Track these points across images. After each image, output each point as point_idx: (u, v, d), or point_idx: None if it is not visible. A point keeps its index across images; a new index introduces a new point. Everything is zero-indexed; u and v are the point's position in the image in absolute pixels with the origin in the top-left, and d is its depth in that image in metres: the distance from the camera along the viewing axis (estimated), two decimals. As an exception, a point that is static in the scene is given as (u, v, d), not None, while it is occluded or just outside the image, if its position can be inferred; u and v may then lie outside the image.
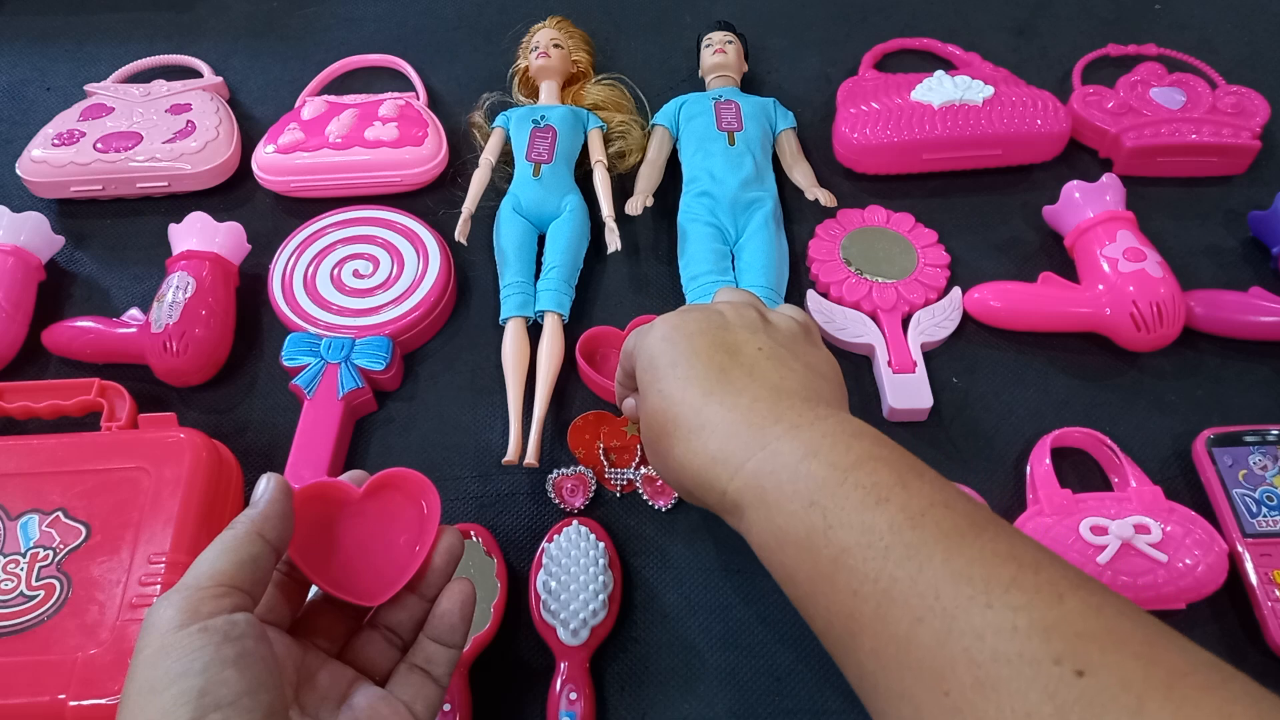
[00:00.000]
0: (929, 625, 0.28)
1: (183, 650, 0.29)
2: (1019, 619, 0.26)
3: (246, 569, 0.32)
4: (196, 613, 0.30)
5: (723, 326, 0.39)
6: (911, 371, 0.54)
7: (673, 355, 0.38)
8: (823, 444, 0.33)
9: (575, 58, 0.68)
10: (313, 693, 0.34)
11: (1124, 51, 0.71)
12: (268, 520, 0.34)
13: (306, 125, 0.65)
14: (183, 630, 0.30)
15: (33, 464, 0.47)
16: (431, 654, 0.37)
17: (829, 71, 0.72)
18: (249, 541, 0.33)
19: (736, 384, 0.37)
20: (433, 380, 0.56)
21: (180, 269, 0.56)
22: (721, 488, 0.35)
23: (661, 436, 0.38)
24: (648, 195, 0.61)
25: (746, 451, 0.34)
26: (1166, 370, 0.55)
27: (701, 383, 0.37)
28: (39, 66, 0.76)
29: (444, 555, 0.38)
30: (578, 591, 0.44)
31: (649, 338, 0.40)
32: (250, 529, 0.33)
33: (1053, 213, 0.60)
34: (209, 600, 0.31)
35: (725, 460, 0.35)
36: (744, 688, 0.45)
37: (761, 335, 0.39)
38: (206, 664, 0.29)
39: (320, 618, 0.37)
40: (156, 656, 0.29)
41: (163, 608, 0.31)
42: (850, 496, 0.31)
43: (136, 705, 0.29)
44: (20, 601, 0.43)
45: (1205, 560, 0.45)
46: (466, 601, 0.37)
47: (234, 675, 0.29)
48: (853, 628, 0.30)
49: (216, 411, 0.55)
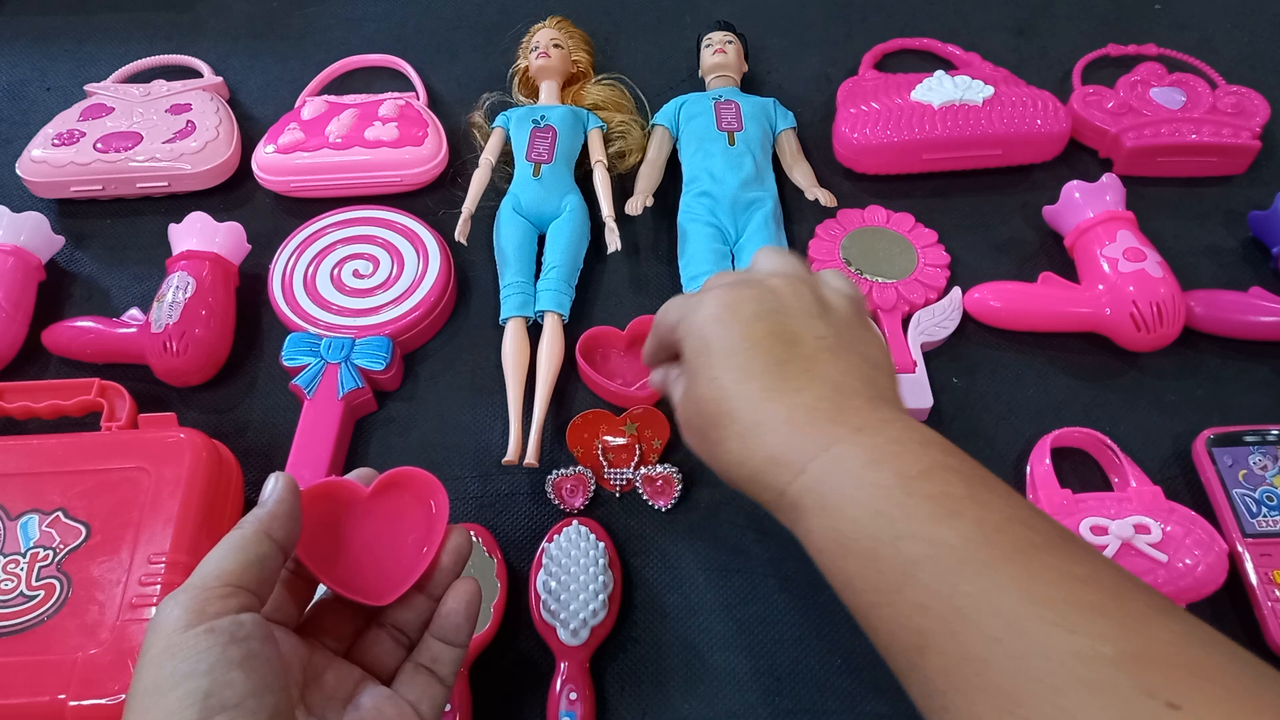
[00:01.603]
0: (1006, 647, 0.26)
1: (189, 651, 0.29)
2: (1104, 647, 0.25)
3: (254, 569, 0.32)
4: (203, 613, 0.30)
5: (780, 311, 0.37)
6: (911, 371, 0.54)
7: (728, 341, 0.36)
8: (889, 450, 0.32)
9: (575, 58, 0.68)
10: (319, 692, 0.34)
11: (1124, 51, 0.71)
12: (275, 520, 0.34)
13: (306, 125, 0.65)
14: (189, 631, 0.30)
15: (33, 464, 0.47)
16: (437, 653, 0.36)
17: (829, 71, 0.72)
18: (257, 541, 0.33)
19: (797, 379, 0.35)
20: (433, 380, 0.56)
21: (180, 269, 0.56)
22: (780, 488, 0.34)
23: (712, 427, 0.36)
24: (648, 195, 0.61)
25: (808, 454, 0.33)
26: (1166, 370, 0.55)
27: (760, 376, 0.35)
28: (39, 66, 0.76)
29: (452, 555, 0.38)
30: (578, 591, 0.44)
31: (699, 315, 0.38)
32: (258, 528, 0.33)
33: (1053, 213, 0.60)
34: (215, 600, 0.31)
35: (785, 461, 0.33)
36: (744, 688, 0.45)
37: (820, 322, 0.37)
38: (212, 665, 0.29)
39: (328, 616, 0.37)
40: (162, 657, 0.29)
41: (169, 608, 0.31)
42: (920, 507, 0.30)
43: (142, 706, 0.29)
44: (20, 601, 0.43)
45: (1205, 560, 0.45)
46: (472, 600, 0.37)
47: (240, 677, 0.29)
48: (920, 643, 0.29)
49: (216, 411, 0.55)
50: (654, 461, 0.51)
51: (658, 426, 0.51)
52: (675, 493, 0.50)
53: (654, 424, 0.52)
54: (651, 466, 0.50)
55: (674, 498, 0.50)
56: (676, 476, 0.50)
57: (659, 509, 0.50)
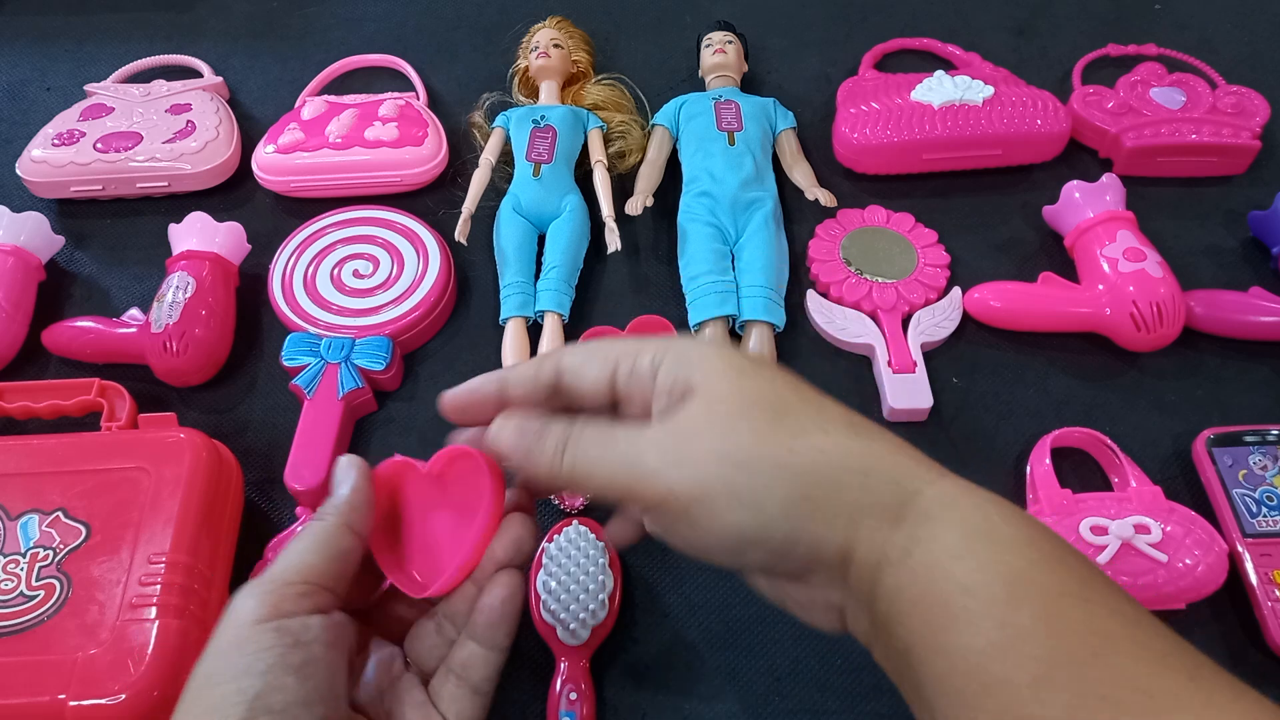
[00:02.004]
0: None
1: (253, 647, 0.29)
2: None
3: (335, 564, 0.32)
4: (277, 609, 0.30)
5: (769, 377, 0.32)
6: (911, 371, 0.54)
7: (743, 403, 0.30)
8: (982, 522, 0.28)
9: (575, 58, 0.68)
10: (361, 687, 0.33)
11: (1124, 51, 0.71)
12: (355, 510, 0.33)
13: (306, 125, 0.65)
14: (259, 625, 0.30)
15: (33, 464, 0.47)
16: (468, 658, 0.34)
17: (829, 71, 0.72)
18: (340, 535, 0.32)
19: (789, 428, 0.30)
20: (433, 380, 0.56)
21: (180, 269, 0.56)
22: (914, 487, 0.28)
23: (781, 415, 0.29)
24: (648, 195, 0.61)
25: (939, 471, 0.29)
26: (1166, 370, 0.55)
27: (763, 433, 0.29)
28: (39, 66, 0.76)
29: (510, 547, 0.34)
30: (578, 592, 0.44)
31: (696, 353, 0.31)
32: (339, 521, 0.32)
33: (1053, 213, 0.60)
34: (291, 598, 0.30)
35: (920, 462, 0.29)
36: (744, 688, 0.45)
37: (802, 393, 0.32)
38: (270, 666, 0.29)
39: (389, 602, 0.36)
40: (228, 648, 0.29)
41: (245, 598, 0.30)
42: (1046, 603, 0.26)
43: (197, 691, 0.29)
44: (20, 601, 0.43)
45: (1205, 560, 0.45)
46: (510, 598, 0.33)
47: (294, 682, 0.29)
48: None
49: (216, 411, 0.55)
50: (654, 461, 0.51)
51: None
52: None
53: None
54: (651, 466, 0.50)
55: (674, 498, 0.50)
56: (676, 476, 0.50)
57: (659, 509, 0.50)
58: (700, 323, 0.55)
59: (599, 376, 0.32)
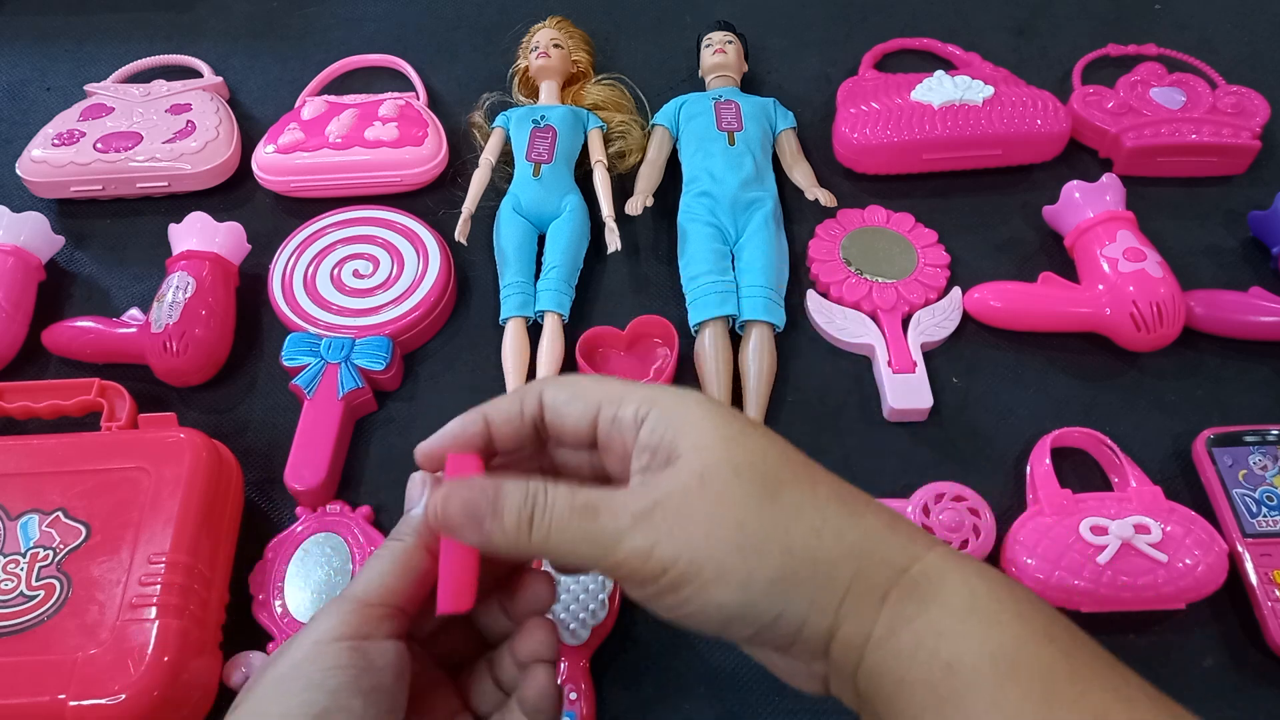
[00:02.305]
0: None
1: (327, 663, 0.29)
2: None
3: (414, 587, 0.31)
4: (359, 630, 0.30)
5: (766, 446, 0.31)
6: (911, 371, 0.54)
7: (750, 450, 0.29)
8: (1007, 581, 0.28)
9: (575, 58, 0.68)
10: (424, 709, 0.33)
11: (1124, 51, 0.71)
12: (431, 531, 0.32)
13: (306, 125, 0.65)
14: (337, 643, 0.29)
15: (33, 464, 0.47)
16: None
17: (829, 71, 0.72)
18: (418, 556, 0.31)
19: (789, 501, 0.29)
20: (433, 380, 0.56)
21: (180, 269, 0.56)
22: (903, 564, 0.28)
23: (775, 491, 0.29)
24: (648, 195, 0.61)
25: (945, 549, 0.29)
26: (1166, 370, 0.55)
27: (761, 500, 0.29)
28: (39, 66, 0.76)
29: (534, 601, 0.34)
30: (578, 591, 0.44)
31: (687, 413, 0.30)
32: (419, 542, 0.31)
33: (1053, 213, 0.60)
34: (373, 620, 0.30)
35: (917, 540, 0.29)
36: (744, 688, 0.45)
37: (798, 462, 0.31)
38: (340, 686, 0.29)
39: (448, 635, 0.35)
40: (302, 660, 0.29)
41: (327, 617, 0.30)
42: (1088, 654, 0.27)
43: (264, 695, 0.29)
44: (20, 601, 0.43)
45: (1205, 560, 0.45)
46: (543, 691, 0.32)
47: (359, 706, 0.29)
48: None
49: (216, 411, 0.55)
50: (654, 461, 0.51)
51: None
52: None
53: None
54: (651, 466, 0.50)
55: (674, 498, 0.50)
56: (676, 476, 0.50)
57: (659, 509, 0.50)
58: (700, 322, 0.55)
59: (581, 418, 0.32)
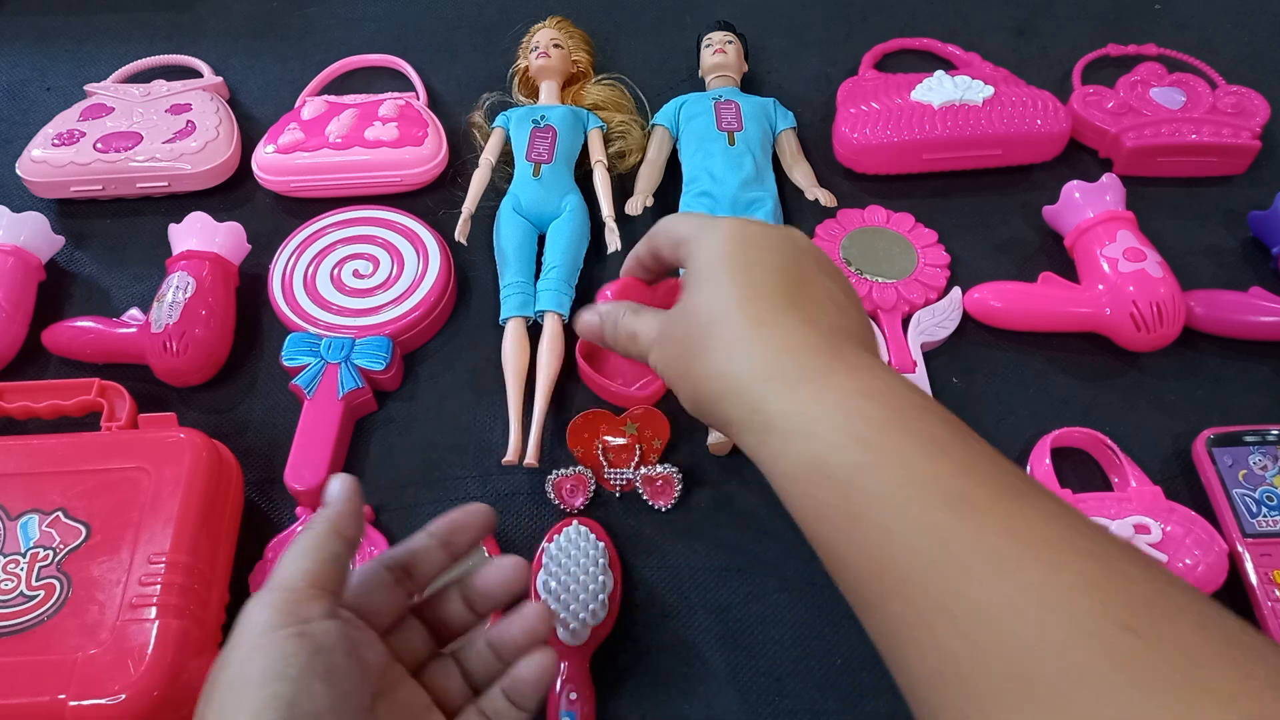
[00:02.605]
0: (975, 576, 0.27)
1: (278, 653, 0.30)
2: (1068, 576, 0.26)
3: (330, 567, 0.33)
4: (293, 614, 0.31)
5: (796, 255, 0.37)
6: (911, 371, 0.54)
7: (744, 261, 0.36)
8: (880, 387, 0.32)
9: (575, 58, 0.68)
10: (392, 706, 0.34)
11: (1124, 51, 0.71)
12: (343, 518, 0.35)
13: (306, 125, 0.65)
14: (279, 631, 0.31)
15: (33, 464, 0.47)
16: (501, 708, 0.36)
17: (829, 71, 0.72)
18: (330, 540, 0.34)
19: (803, 313, 0.35)
20: (433, 380, 0.56)
21: (180, 269, 0.56)
22: (756, 405, 0.33)
23: (700, 336, 0.35)
24: (648, 195, 0.61)
25: (796, 377, 0.33)
26: (1166, 370, 0.55)
27: (767, 299, 0.35)
28: (39, 66, 0.76)
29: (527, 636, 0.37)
30: (578, 592, 0.44)
31: (714, 234, 0.37)
32: (329, 528, 0.34)
33: (1053, 213, 0.60)
34: (305, 602, 0.32)
35: (773, 379, 0.33)
36: (744, 688, 0.45)
37: (828, 278, 0.38)
38: (300, 672, 0.30)
39: (409, 633, 0.37)
40: (251, 653, 0.30)
41: (257, 609, 0.31)
42: (907, 441, 0.30)
43: (226, 697, 0.30)
44: (20, 601, 0.43)
45: (1205, 560, 0.45)
46: (546, 675, 0.36)
47: (322, 689, 0.30)
48: (884, 574, 0.29)
49: (216, 411, 0.55)
50: (654, 461, 0.51)
51: (658, 426, 0.51)
52: (675, 493, 0.50)
53: (654, 424, 0.52)
54: (651, 466, 0.50)
55: (674, 498, 0.50)
56: (676, 477, 0.50)
57: (659, 509, 0.50)
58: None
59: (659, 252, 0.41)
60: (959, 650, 0.26)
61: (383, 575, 0.36)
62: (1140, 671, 0.24)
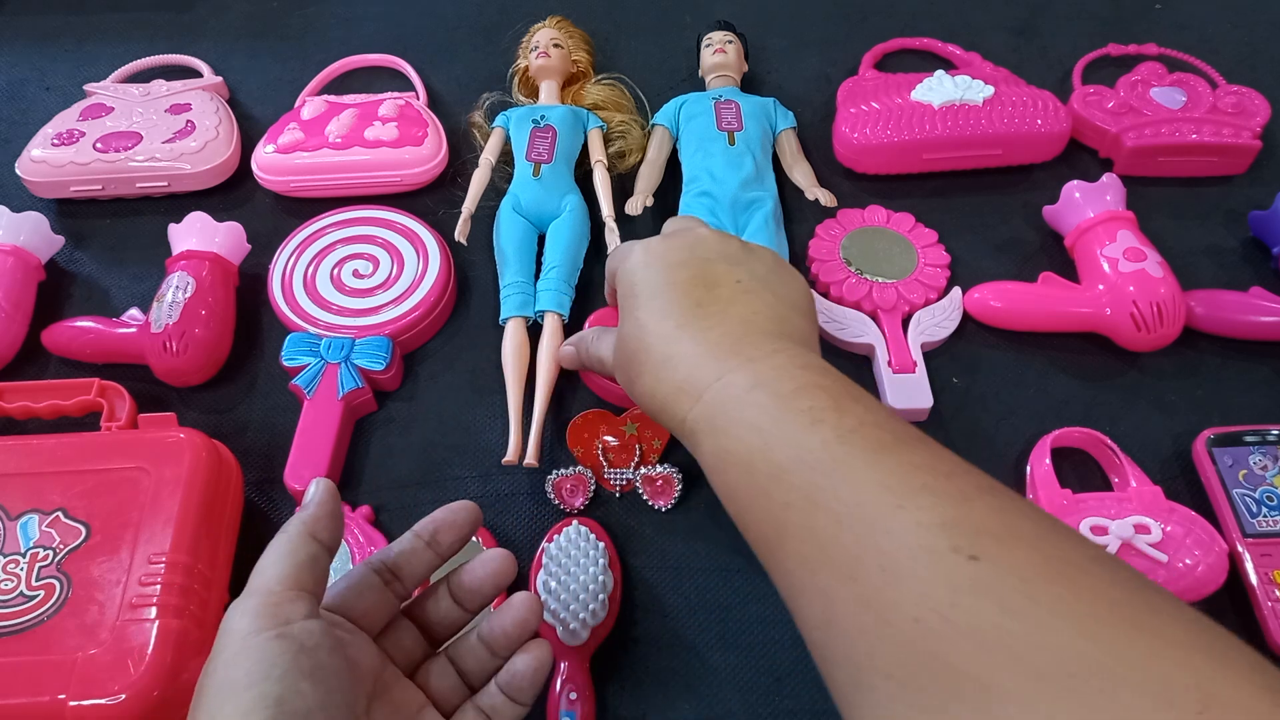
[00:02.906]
0: (848, 528, 0.30)
1: (262, 655, 0.30)
2: (923, 516, 0.28)
3: (307, 569, 0.33)
4: (274, 617, 0.31)
5: (705, 259, 0.40)
6: (911, 371, 0.54)
7: (653, 285, 0.39)
8: (770, 375, 0.35)
9: (575, 57, 0.68)
10: (387, 706, 0.34)
11: (1124, 51, 0.71)
12: (318, 521, 0.35)
13: (306, 125, 0.65)
14: (262, 634, 0.31)
15: (33, 464, 0.47)
16: (499, 705, 0.37)
17: (829, 71, 0.72)
18: (304, 542, 0.34)
19: (709, 318, 0.38)
20: (433, 380, 0.56)
21: (180, 269, 0.56)
22: (682, 416, 0.36)
23: (632, 362, 0.39)
24: (648, 195, 0.61)
25: (705, 382, 0.36)
26: (1166, 370, 0.55)
27: (676, 315, 0.38)
28: (39, 66, 0.76)
29: (518, 626, 0.38)
30: (578, 592, 0.44)
31: (630, 261, 0.41)
32: (303, 530, 0.34)
33: (1053, 213, 0.60)
34: (285, 604, 0.32)
35: (688, 391, 0.36)
36: (744, 688, 0.45)
37: (740, 268, 0.40)
38: (285, 672, 0.30)
39: (401, 634, 0.37)
40: (236, 658, 0.30)
41: (238, 616, 0.32)
42: (790, 419, 0.33)
43: (214, 701, 0.30)
44: (20, 601, 0.43)
45: (1205, 560, 0.45)
46: (542, 668, 0.38)
47: (309, 688, 0.30)
48: (781, 535, 0.32)
49: (216, 411, 0.55)
50: (654, 461, 0.51)
51: (658, 427, 0.51)
52: (675, 493, 0.50)
53: (654, 424, 0.52)
54: (651, 466, 0.50)
55: (674, 498, 0.50)
56: (676, 476, 0.50)
57: (659, 509, 0.50)
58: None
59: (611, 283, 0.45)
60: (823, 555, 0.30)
61: (371, 578, 0.37)
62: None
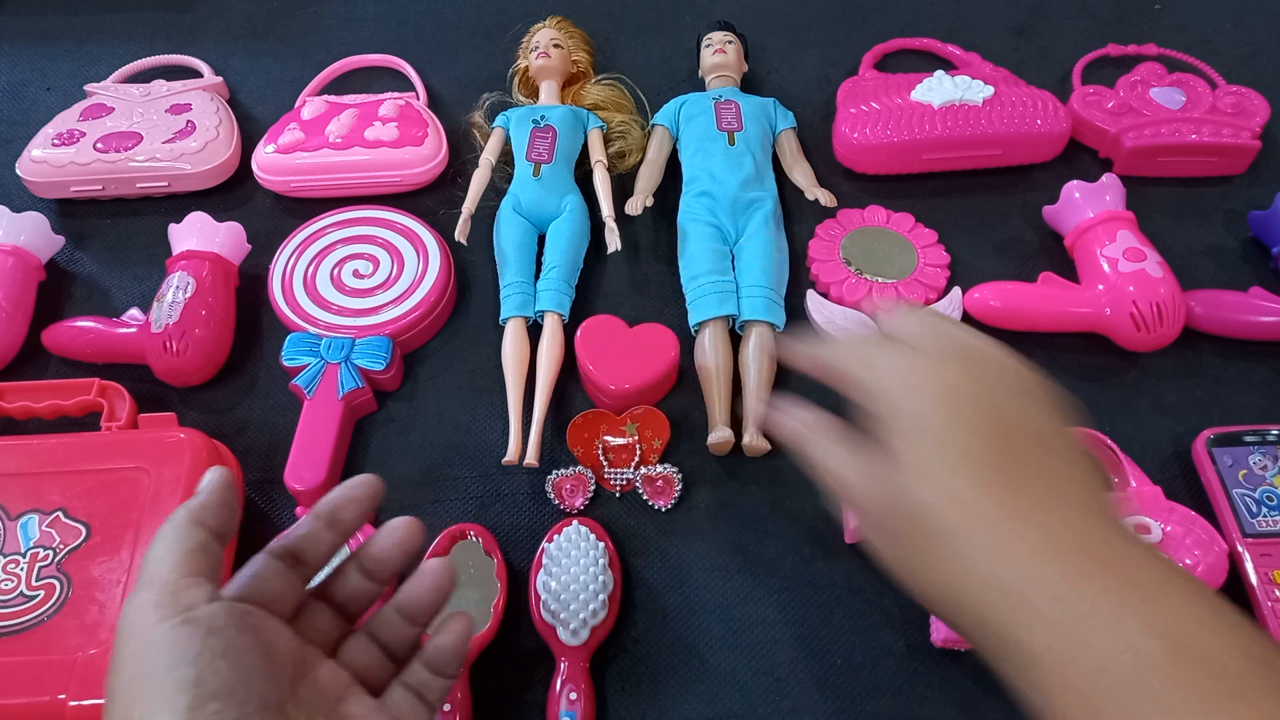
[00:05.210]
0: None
1: (170, 643, 0.29)
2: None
3: (198, 557, 0.33)
4: (175, 605, 0.31)
5: (992, 392, 0.33)
6: (911, 371, 0.53)
7: (939, 424, 0.32)
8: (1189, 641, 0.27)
9: (575, 58, 0.68)
10: (311, 688, 0.34)
11: (1124, 51, 0.71)
12: (206, 509, 0.34)
13: (306, 125, 0.65)
14: (165, 623, 0.30)
15: (33, 464, 0.47)
16: (425, 680, 0.36)
17: (829, 71, 0.72)
18: (192, 530, 0.33)
19: (1030, 489, 0.30)
20: (433, 380, 0.56)
21: (180, 269, 0.56)
22: (1003, 633, 0.29)
23: (917, 534, 0.31)
24: (648, 195, 0.61)
25: (1055, 601, 0.28)
26: (1166, 370, 0.55)
27: (986, 483, 0.30)
28: (39, 66, 0.76)
29: (433, 593, 0.37)
30: (578, 591, 0.44)
31: (918, 400, 0.33)
32: (189, 518, 0.34)
33: (1053, 213, 0.60)
34: (182, 592, 0.31)
35: (1019, 604, 0.29)
36: (744, 688, 0.45)
37: (1031, 409, 0.33)
38: (197, 654, 0.29)
39: (315, 616, 0.37)
40: (142, 651, 0.30)
41: (136, 609, 0.31)
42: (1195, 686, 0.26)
43: (128, 696, 0.29)
44: (20, 601, 0.43)
45: (1205, 560, 0.45)
46: (462, 639, 0.37)
47: (225, 666, 0.29)
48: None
49: (216, 411, 0.55)
50: (654, 461, 0.51)
51: (658, 426, 0.51)
52: (675, 493, 0.50)
53: (654, 424, 0.52)
54: (651, 466, 0.50)
55: (674, 498, 0.50)
56: (676, 476, 0.50)
57: (659, 509, 0.50)
58: (700, 322, 0.55)
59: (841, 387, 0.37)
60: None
61: (272, 564, 0.35)
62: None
